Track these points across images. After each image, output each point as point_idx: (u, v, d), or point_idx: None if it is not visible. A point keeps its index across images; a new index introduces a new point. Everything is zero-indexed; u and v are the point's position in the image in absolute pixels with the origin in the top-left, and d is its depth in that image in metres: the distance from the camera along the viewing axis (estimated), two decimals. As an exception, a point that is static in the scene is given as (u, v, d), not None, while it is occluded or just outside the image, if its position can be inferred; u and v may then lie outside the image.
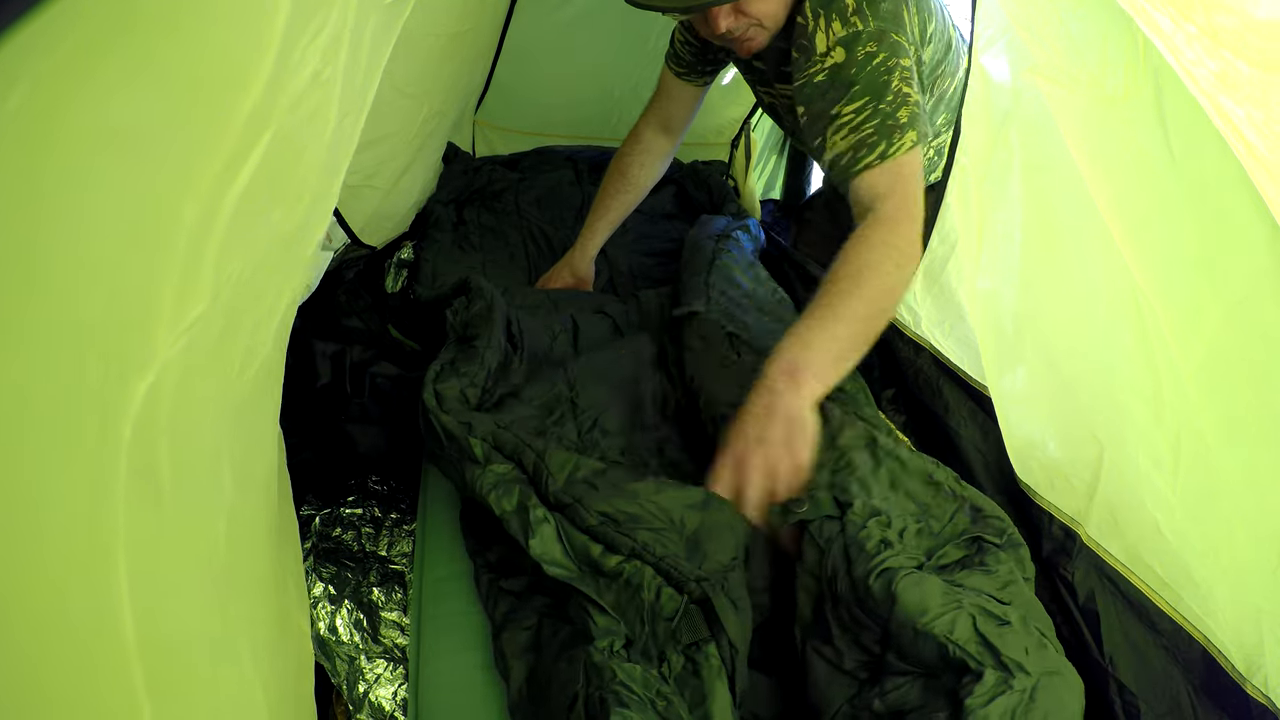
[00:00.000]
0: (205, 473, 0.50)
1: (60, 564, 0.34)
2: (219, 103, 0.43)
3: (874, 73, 0.90)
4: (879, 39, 0.90)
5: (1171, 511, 0.75)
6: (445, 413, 0.84)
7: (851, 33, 0.91)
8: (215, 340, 0.49)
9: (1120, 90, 0.69)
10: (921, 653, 0.61)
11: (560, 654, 0.66)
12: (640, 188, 1.37)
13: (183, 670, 0.44)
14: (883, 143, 0.90)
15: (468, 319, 1.04)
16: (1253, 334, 0.63)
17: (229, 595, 0.52)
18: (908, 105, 0.90)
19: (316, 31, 0.50)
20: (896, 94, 0.90)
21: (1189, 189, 0.65)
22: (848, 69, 0.91)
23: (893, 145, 0.90)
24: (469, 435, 0.81)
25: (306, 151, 0.56)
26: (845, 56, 0.91)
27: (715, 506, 0.73)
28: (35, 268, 0.32)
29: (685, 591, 0.67)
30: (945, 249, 1.12)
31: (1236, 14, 0.44)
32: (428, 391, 0.86)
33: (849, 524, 0.68)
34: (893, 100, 0.90)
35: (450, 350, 0.98)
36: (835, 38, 0.92)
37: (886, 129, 0.90)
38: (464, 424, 0.82)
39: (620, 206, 1.37)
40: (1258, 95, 0.45)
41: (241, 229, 0.47)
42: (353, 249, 1.28)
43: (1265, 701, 0.69)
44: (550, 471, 0.76)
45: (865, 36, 0.90)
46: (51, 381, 0.33)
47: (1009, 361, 0.94)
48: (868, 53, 0.90)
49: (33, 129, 0.30)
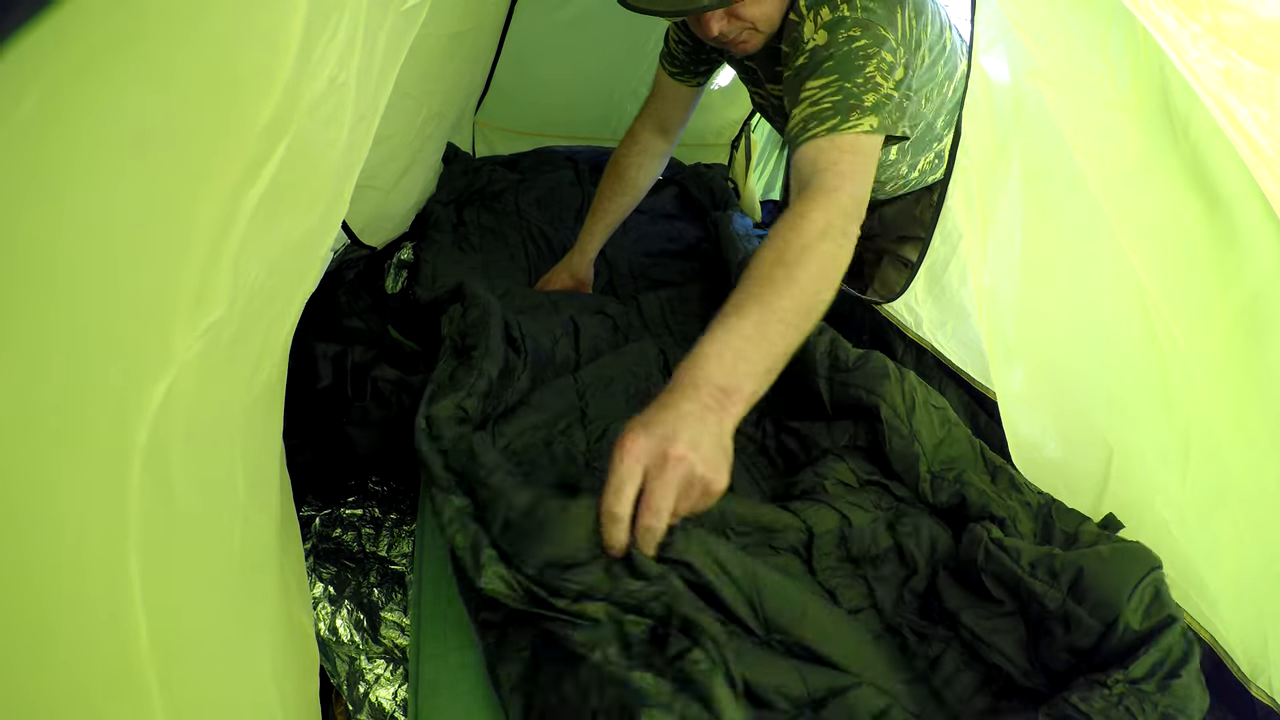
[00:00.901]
0: (220, 476, 0.50)
1: (70, 566, 0.34)
2: (238, 106, 0.42)
3: (850, 55, 0.89)
4: (864, 26, 0.89)
5: (1182, 513, 0.76)
6: (434, 438, 0.81)
7: (837, 17, 0.90)
8: (230, 344, 0.49)
9: (1123, 91, 0.69)
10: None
11: (559, 680, 0.62)
12: (638, 189, 1.37)
13: (197, 673, 0.43)
14: (836, 117, 0.87)
15: (464, 328, 1.03)
16: (1262, 333, 0.63)
17: (244, 598, 0.52)
18: (877, 93, 0.88)
19: (332, 36, 0.49)
20: (868, 79, 0.88)
21: (1194, 188, 0.65)
22: (825, 49, 0.90)
23: (847, 121, 0.86)
24: (443, 466, 0.78)
25: (323, 156, 0.55)
26: (826, 39, 0.91)
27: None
28: (50, 269, 0.31)
29: (647, 614, 0.65)
30: (947, 250, 1.12)
31: (1242, 12, 0.44)
32: (420, 415, 0.84)
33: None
34: (862, 84, 0.88)
35: (448, 362, 0.97)
36: (821, 23, 0.91)
37: (846, 106, 0.87)
38: (441, 452, 0.79)
39: (618, 209, 1.36)
40: (1263, 94, 0.45)
41: (259, 233, 0.47)
42: (353, 249, 1.28)
43: (1270, 703, 0.69)
44: (493, 514, 0.72)
45: (850, 22, 0.90)
46: (67, 383, 0.33)
47: (1013, 361, 0.94)
48: (849, 36, 0.89)
49: (48, 130, 0.30)
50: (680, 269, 1.43)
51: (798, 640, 0.69)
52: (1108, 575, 0.71)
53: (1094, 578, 0.71)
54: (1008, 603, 0.76)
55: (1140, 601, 0.69)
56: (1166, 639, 0.66)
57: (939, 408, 0.94)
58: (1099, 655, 0.69)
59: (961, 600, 0.77)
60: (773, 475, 0.95)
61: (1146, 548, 0.74)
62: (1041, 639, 0.73)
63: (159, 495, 0.40)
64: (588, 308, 1.24)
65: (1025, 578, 0.74)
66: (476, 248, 1.47)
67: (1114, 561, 0.72)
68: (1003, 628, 0.75)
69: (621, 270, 1.45)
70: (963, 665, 0.74)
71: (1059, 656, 0.71)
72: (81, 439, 0.34)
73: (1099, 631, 0.69)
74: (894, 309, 1.24)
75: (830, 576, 0.80)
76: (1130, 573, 0.70)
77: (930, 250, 1.14)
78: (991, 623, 0.75)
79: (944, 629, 0.76)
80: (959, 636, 0.76)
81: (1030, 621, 0.74)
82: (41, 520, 0.32)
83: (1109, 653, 0.68)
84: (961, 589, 0.78)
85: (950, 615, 0.77)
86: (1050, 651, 0.71)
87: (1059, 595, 0.72)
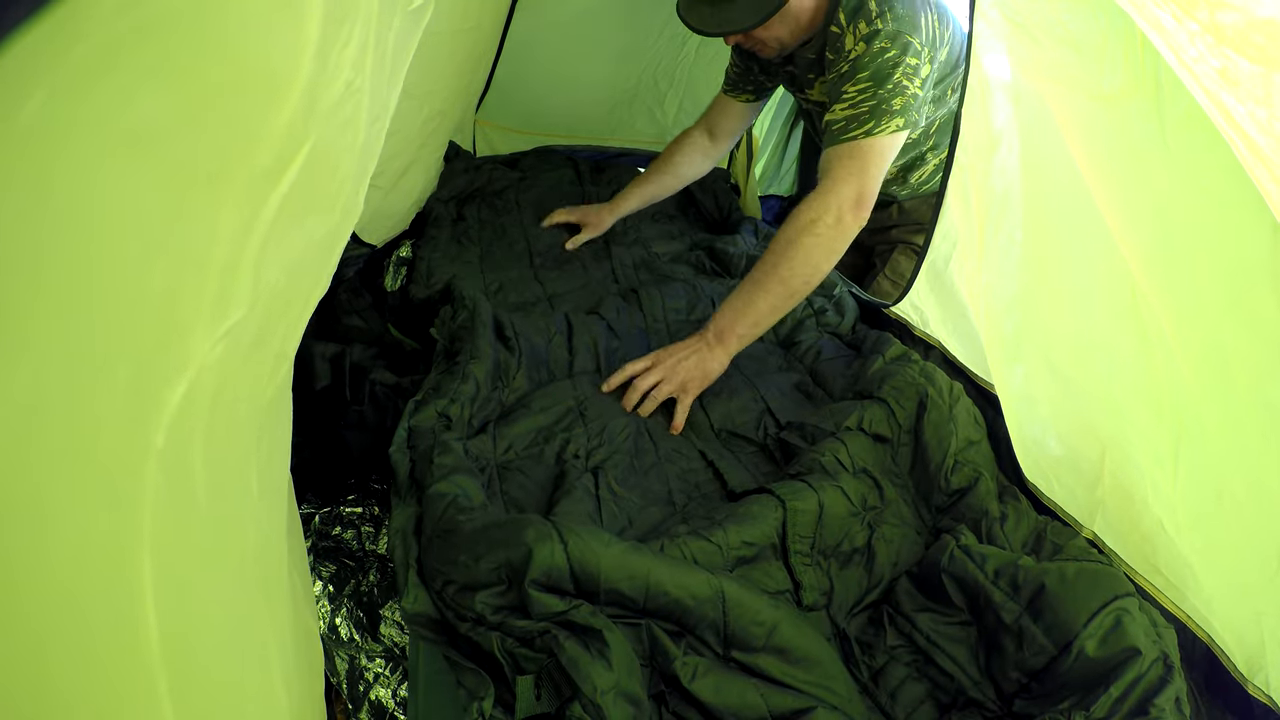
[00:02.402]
0: (236, 478, 0.50)
1: (77, 568, 0.33)
2: (256, 109, 0.42)
3: (883, 64, 1.07)
4: (894, 38, 1.07)
5: (1174, 510, 0.75)
6: (410, 446, 0.83)
7: (872, 31, 1.08)
8: (250, 346, 0.48)
9: (1120, 89, 0.69)
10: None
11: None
12: (679, 174, 1.54)
13: (208, 676, 0.43)
14: (871, 120, 1.07)
15: (453, 331, 1.04)
16: (1252, 331, 0.62)
17: (256, 600, 0.51)
18: (903, 96, 1.07)
19: (347, 40, 0.49)
20: (896, 85, 1.07)
21: (1188, 187, 0.65)
22: (863, 58, 1.08)
23: (880, 125, 1.07)
24: (408, 473, 0.80)
25: (341, 160, 0.55)
26: (864, 50, 1.09)
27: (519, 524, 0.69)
28: (62, 271, 0.31)
29: (538, 649, 0.63)
30: (948, 246, 1.12)
31: (1239, 11, 0.44)
32: (401, 426, 0.85)
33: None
34: (891, 89, 1.07)
35: (438, 366, 0.99)
36: (859, 35, 1.09)
37: (880, 111, 1.07)
38: (410, 461, 0.81)
39: (656, 184, 1.54)
40: (1260, 93, 0.45)
41: (280, 236, 0.47)
42: (353, 247, 1.28)
43: (1268, 701, 0.69)
44: (426, 524, 0.72)
45: (883, 35, 1.07)
46: (78, 387, 0.33)
47: (1011, 360, 0.94)
48: (881, 48, 1.07)
49: (53, 131, 0.30)
50: (680, 269, 1.43)
51: (760, 656, 0.67)
52: (1068, 596, 0.68)
53: (1054, 597, 0.69)
54: (965, 611, 0.74)
55: (1099, 628, 0.66)
56: (1129, 673, 0.63)
57: (978, 422, 0.96)
58: (1050, 678, 0.67)
59: (918, 604, 0.77)
60: (772, 470, 0.95)
61: (1118, 573, 0.71)
62: (993, 653, 0.71)
63: (179, 498, 0.40)
64: (582, 306, 1.25)
65: (985, 584, 0.72)
66: (475, 240, 1.48)
67: (1077, 583, 0.69)
68: (957, 636, 0.73)
69: (626, 263, 1.45)
70: (908, 678, 0.72)
71: (1009, 675, 0.69)
72: (94, 443, 0.34)
73: (1051, 653, 0.67)
74: (900, 309, 1.24)
75: (800, 566, 0.79)
76: (1092, 597, 0.68)
77: (931, 248, 1.14)
78: (946, 629, 0.74)
79: (892, 638, 0.75)
80: (912, 643, 0.74)
81: (985, 632, 0.73)
82: (52, 523, 0.32)
83: (1061, 678, 0.66)
84: (920, 595, 0.78)
85: (905, 619, 0.75)
86: (1001, 667, 0.70)
87: (1016, 609, 0.70)
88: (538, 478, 0.87)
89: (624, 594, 0.67)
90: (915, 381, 0.97)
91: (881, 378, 1.00)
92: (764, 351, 1.19)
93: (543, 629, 0.63)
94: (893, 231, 1.47)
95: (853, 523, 0.83)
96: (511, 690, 0.62)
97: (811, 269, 1.06)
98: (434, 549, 0.69)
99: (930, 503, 0.90)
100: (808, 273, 1.06)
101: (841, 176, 1.07)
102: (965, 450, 0.91)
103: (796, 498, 0.81)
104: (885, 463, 0.92)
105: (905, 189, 1.40)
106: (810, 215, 1.06)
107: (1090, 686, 0.64)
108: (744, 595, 0.68)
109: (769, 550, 0.80)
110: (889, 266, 1.45)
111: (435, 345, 1.07)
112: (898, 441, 0.94)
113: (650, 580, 0.67)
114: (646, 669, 0.67)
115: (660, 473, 0.92)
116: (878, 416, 0.94)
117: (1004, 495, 0.90)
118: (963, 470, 0.89)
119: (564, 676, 0.60)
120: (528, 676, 0.61)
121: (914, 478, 0.92)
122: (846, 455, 0.89)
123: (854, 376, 1.08)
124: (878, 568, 0.81)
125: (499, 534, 0.67)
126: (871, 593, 0.80)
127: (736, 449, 0.99)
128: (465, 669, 0.65)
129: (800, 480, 0.84)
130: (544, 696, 0.60)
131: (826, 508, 0.81)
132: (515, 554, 0.66)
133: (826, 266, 1.07)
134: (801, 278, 1.06)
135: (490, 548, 0.67)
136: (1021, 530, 0.85)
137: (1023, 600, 0.71)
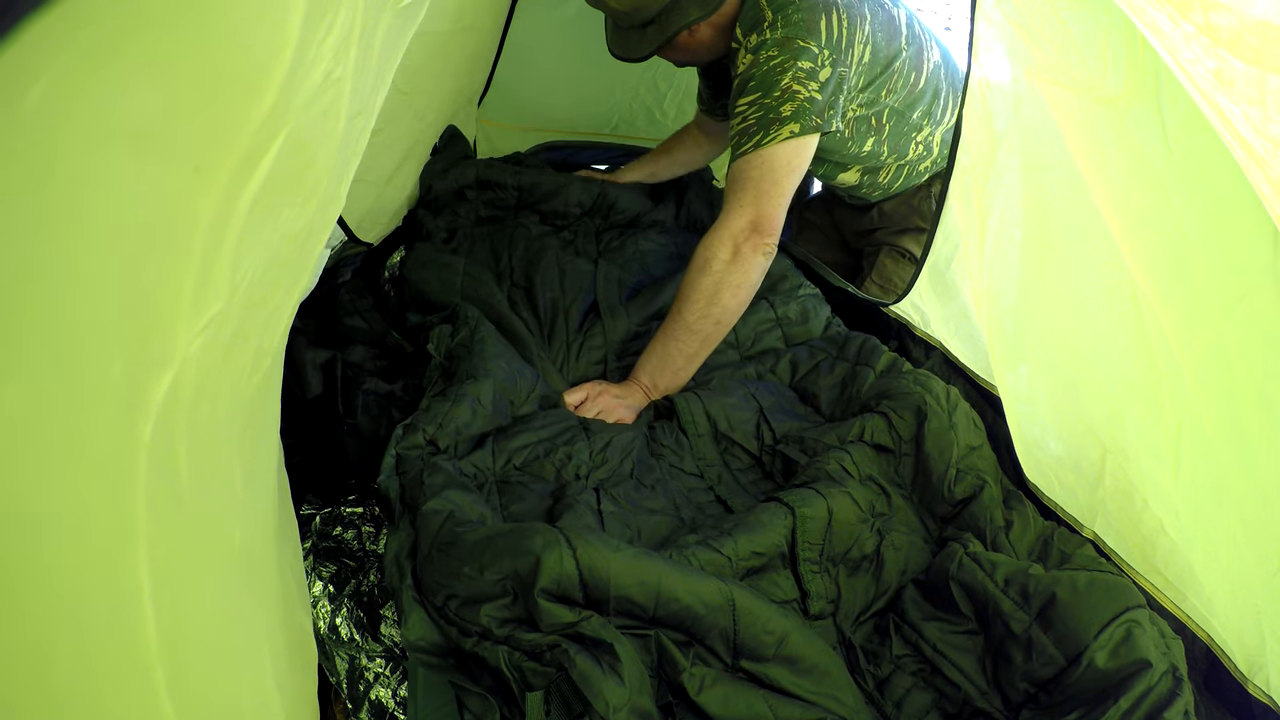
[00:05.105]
0: (219, 472, 0.50)
1: (80, 564, 0.34)
2: (237, 101, 0.42)
3: (769, 72, 1.03)
4: (782, 44, 1.03)
5: (1176, 511, 0.75)
6: (399, 473, 0.82)
7: (760, 41, 1.05)
8: (229, 339, 0.48)
9: (1120, 90, 0.69)
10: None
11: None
12: (677, 158, 1.61)
13: (203, 672, 0.43)
14: (760, 132, 1.03)
15: (451, 349, 1.02)
16: (1252, 332, 0.62)
17: (245, 594, 0.52)
18: (794, 101, 1.02)
19: (328, 30, 0.49)
20: (785, 90, 1.02)
21: (1188, 188, 0.64)
22: (750, 70, 1.05)
23: (769, 135, 1.03)
24: (399, 497, 0.79)
25: (319, 151, 0.55)
26: (751, 60, 1.06)
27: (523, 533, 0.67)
28: (53, 264, 0.31)
29: (547, 664, 0.62)
30: (949, 247, 1.12)
31: (1233, 12, 0.44)
32: (388, 453, 0.84)
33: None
34: (780, 96, 1.03)
35: (432, 387, 0.97)
36: (749, 48, 1.07)
37: (767, 121, 1.03)
38: (401, 486, 0.80)
39: (654, 163, 1.62)
40: (1254, 94, 0.45)
41: (256, 227, 0.47)
42: (349, 246, 1.28)
43: (1267, 700, 0.69)
44: (420, 543, 0.71)
45: (770, 43, 1.04)
46: (70, 379, 0.33)
47: (1013, 360, 0.94)
48: (768, 55, 1.04)
49: (49, 125, 0.30)
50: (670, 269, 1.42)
51: (770, 666, 0.67)
52: (1080, 607, 0.68)
53: (1065, 607, 0.68)
54: (972, 620, 0.74)
55: (1109, 640, 0.66)
56: (1139, 685, 0.62)
57: (977, 426, 0.95)
58: (1059, 689, 0.66)
59: (925, 613, 0.76)
60: (772, 489, 0.94)
61: (1129, 584, 0.71)
62: (1001, 663, 0.70)
63: (166, 492, 0.40)
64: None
65: (995, 593, 0.72)
66: (466, 251, 1.44)
67: (1089, 594, 0.68)
68: (964, 645, 0.73)
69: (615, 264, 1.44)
70: (914, 687, 0.72)
71: (1017, 685, 0.68)
72: (86, 436, 0.34)
73: (1061, 664, 0.66)
74: (901, 308, 1.24)
75: (809, 573, 0.79)
76: (1104, 608, 0.67)
77: (933, 249, 1.14)
78: (953, 638, 0.73)
79: (898, 647, 0.75)
80: (918, 652, 0.74)
81: (993, 642, 0.72)
82: (48, 518, 0.32)
83: (1070, 689, 0.66)
84: (927, 603, 0.77)
85: (911, 627, 0.75)
86: (1009, 677, 0.69)
87: (1026, 619, 0.70)
88: (538, 492, 0.86)
89: (634, 601, 0.66)
90: (911, 391, 0.95)
91: (878, 394, 0.98)
92: (734, 364, 1.16)
93: (552, 642, 0.62)
94: (877, 234, 1.45)
95: (862, 529, 0.83)
96: (517, 707, 0.61)
97: (720, 309, 1.04)
98: (433, 563, 0.68)
99: (935, 512, 0.89)
100: (717, 313, 1.04)
101: (734, 206, 1.04)
102: (967, 457, 0.91)
103: (805, 504, 0.81)
104: (889, 472, 0.92)
105: (877, 191, 1.36)
106: (705, 255, 1.04)
107: (1099, 698, 0.64)
108: (754, 604, 0.68)
109: (777, 559, 0.79)
110: (875, 270, 1.43)
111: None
112: (899, 452, 0.93)
113: (662, 586, 0.67)
114: (654, 680, 0.66)
115: (666, 488, 0.92)
116: (879, 427, 0.94)
117: (1009, 501, 0.90)
118: (966, 478, 0.88)
119: (574, 692, 0.59)
120: (537, 693, 0.60)
121: (917, 488, 0.91)
122: (852, 463, 0.89)
123: (844, 390, 1.05)
124: (886, 575, 0.81)
125: (504, 543, 0.66)
126: (879, 601, 0.80)
127: (735, 465, 0.98)
128: (471, 694, 0.64)
129: (809, 488, 0.84)
130: (554, 713, 0.59)
131: (836, 514, 0.81)
132: (522, 563, 0.65)
133: (735, 303, 1.05)
134: (711, 320, 1.05)
135: (495, 558, 0.65)
136: (1028, 537, 0.84)
137: (1033, 610, 0.70)
